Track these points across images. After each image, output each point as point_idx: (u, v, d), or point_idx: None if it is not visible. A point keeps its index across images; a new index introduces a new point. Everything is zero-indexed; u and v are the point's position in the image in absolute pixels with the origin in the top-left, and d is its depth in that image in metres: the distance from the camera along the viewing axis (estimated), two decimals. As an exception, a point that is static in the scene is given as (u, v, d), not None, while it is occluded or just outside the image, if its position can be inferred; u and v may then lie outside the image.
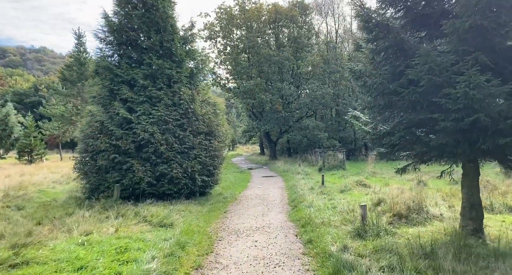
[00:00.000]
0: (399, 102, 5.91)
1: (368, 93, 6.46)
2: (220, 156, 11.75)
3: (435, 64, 5.00)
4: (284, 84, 26.07)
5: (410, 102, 5.72)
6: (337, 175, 17.76)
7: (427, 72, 5.12)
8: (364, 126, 7.12)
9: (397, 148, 6.69)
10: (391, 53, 6.13)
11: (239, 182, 16.78)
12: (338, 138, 28.49)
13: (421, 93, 5.38)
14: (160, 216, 7.87)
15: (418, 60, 5.22)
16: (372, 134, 6.82)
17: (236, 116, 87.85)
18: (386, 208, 8.38)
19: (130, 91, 10.36)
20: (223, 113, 12.25)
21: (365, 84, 6.31)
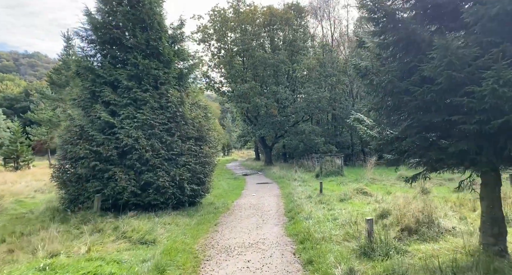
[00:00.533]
0: (411, 103, 5.18)
1: (374, 93, 5.74)
2: (212, 162, 10.95)
3: (456, 57, 4.29)
4: (280, 88, 25.41)
5: (424, 102, 5.00)
6: (335, 181, 17.02)
7: (445, 67, 4.40)
8: (370, 130, 6.38)
9: (407, 154, 5.96)
10: (401, 47, 5.42)
11: (233, 190, 15.95)
12: (335, 142, 27.82)
13: (438, 91, 4.67)
14: (141, 231, 7.03)
15: (434, 53, 4.51)
16: (378, 139, 6.09)
17: (231, 121, 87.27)
18: (393, 221, 7.63)
19: (113, 93, 9.57)
20: (215, 117, 11.45)
21: (371, 82, 5.59)
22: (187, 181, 9.99)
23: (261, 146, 34.21)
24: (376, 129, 6.34)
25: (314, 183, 16.34)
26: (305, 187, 15.00)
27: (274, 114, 26.54)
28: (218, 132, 11.91)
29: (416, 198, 10.45)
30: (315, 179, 18.03)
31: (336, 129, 29.92)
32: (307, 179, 17.70)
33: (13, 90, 69.77)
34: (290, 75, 29.00)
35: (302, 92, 26.01)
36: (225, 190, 15.58)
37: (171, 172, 9.60)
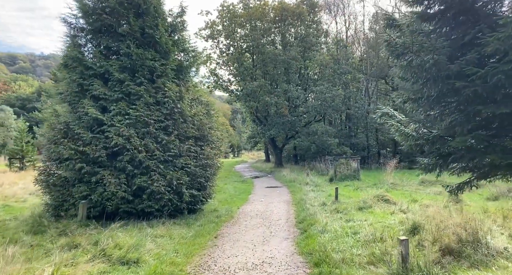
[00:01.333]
0: (465, 90, 3.90)
1: (413, 79, 4.49)
2: (214, 165, 9.80)
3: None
4: (291, 86, 24.16)
5: (485, 88, 3.72)
6: (351, 186, 15.66)
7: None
8: (404, 127, 5.11)
9: (452, 157, 4.67)
10: (450, 18, 4.16)
11: (239, 194, 14.78)
12: (349, 144, 26.38)
13: (510, 72, 3.40)
14: (126, 246, 5.92)
15: (504, 20, 3.25)
16: (415, 138, 4.84)
17: (242, 122, 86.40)
18: (426, 237, 6.32)
19: (103, 87, 8.52)
20: (220, 116, 10.29)
21: (410, 64, 4.36)
22: (186, 186, 8.86)
23: (271, 147, 33.01)
24: (413, 126, 5.08)
25: (328, 188, 15.03)
26: (318, 193, 13.71)
27: (285, 114, 25.30)
28: (222, 131, 10.74)
29: (448, 207, 9.07)
30: (329, 183, 16.71)
31: (351, 130, 28.46)
32: (320, 183, 16.39)
33: (26, 91, 70.46)
34: (302, 73, 27.73)
35: (315, 91, 24.69)
36: (231, 195, 14.42)
37: (168, 175, 8.49)
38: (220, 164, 10.79)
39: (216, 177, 10.75)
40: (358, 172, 17.31)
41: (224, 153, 11.55)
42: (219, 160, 10.60)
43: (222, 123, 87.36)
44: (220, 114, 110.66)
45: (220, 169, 10.79)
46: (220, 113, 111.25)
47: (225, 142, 11.01)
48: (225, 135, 54.79)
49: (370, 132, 26.87)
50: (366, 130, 26.80)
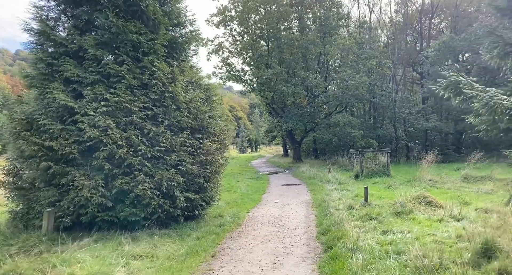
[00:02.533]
0: None
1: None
2: (216, 162, 8.08)
3: None
4: (309, 74, 22.07)
5: None
6: (381, 184, 13.60)
7: None
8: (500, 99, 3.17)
9: None
10: None
11: (252, 193, 13.05)
12: (374, 136, 24.10)
13: None
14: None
15: None
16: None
17: (259, 116, 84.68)
18: (508, 264, 4.37)
19: (77, 67, 6.93)
20: (221, 101, 8.55)
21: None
22: (180, 188, 7.20)
23: (289, 141, 31.10)
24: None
25: (354, 186, 13.04)
26: (343, 192, 11.77)
27: (303, 105, 23.29)
28: (227, 122, 8.88)
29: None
30: (355, 181, 14.69)
31: (376, 121, 26.11)
32: (344, 181, 14.39)
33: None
34: (322, 61, 25.52)
35: (336, 78, 22.47)
36: (242, 195, 12.70)
37: (156, 175, 6.84)
38: (225, 160, 9.06)
39: (220, 176, 9.03)
40: (388, 167, 15.19)
41: (226, 147, 9.67)
42: (224, 155, 8.87)
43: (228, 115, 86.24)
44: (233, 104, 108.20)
45: (224, 166, 9.07)
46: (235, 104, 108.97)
47: (231, 133, 9.31)
48: (231, 127, 53.82)
49: (398, 123, 24.45)
50: (393, 121, 24.39)
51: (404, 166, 21.24)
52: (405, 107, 25.82)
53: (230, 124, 8.15)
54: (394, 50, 26.39)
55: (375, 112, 25.43)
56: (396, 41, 28.37)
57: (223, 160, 8.79)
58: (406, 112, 24.86)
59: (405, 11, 30.64)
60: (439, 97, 23.67)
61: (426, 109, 24.79)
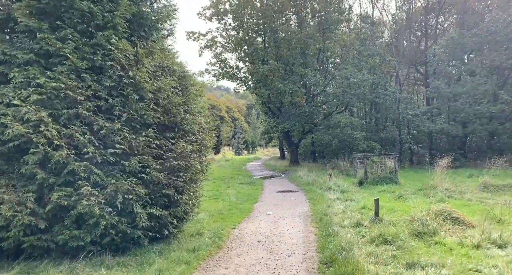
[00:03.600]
0: None
1: None
2: (192, 167, 6.41)
3: None
4: (308, 71, 20.49)
5: None
6: (389, 192, 12.00)
7: None
8: None
9: None
10: None
11: (242, 202, 11.40)
12: (377, 138, 22.53)
13: None
14: None
15: None
16: None
17: (256, 117, 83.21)
18: None
19: (3, 42, 5.27)
20: (202, 93, 6.88)
21: None
22: (142, 202, 5.55)
23: (286, 143, 29.51)
24: None
25: (358, 195, 11.43)
26: (347, 203, 10.14)
27: (301, 104, 21.69)
28: (210, 119, 7.14)
29: None
30: (358, 188, 13.07)
31: (378, 123, 24.56)
32: (347, 188, 12.75)
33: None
34: (321, 58, 23.94)
35: (337, 75, 20.89)
36: (231, 204, 11.05)
37: (109, 186, 5.18)
38: (206, 165, 7.41)
39: (199, 185, 7.37)
40: (396, 174, 13.57)
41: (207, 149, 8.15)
42: (204, 159, 7.22)
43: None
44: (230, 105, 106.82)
45: (205, 172, 7.42)
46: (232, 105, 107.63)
47: (213, 133, 7.57)
48: (215, 124, 52.43)
49: (403, 125, 22.92)
50: (397, 123, 22.82)
51: (410, 171, 19.67)
52: (409, 109, 24.30)
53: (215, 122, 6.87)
54: (397, 48, 24.93)
55: (378, 113, 23.89)
56: (400, 38, 26.91)
57: (202, 165, 7.13)
58: (410, 113, 23.33)
59: (409, 7, 29.21)
60: (447, 98, 22.29)
61: (432, 110, 23.28)
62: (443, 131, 21.17)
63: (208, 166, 7.62)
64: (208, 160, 7.88)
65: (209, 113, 7.75)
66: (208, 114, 7.66)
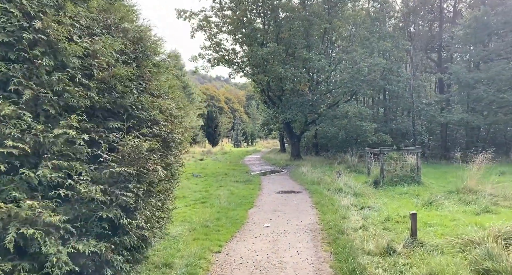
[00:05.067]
0: None
1: None
2: (151, 174, 4.26)
3: None
4: (312, 54, 18.20)
5: None
6: (412, 195, 9.94)
7: None
8: None
9: None
10: None
11: (234, 208, 9.33)
12: (387, 130, 20.38)
13: None
14: None
15: None
16: None
17: (256, 108, 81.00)
18: None
19: None
20: (170, 66, 4.58)
21: None
22: (59, 234, 3.43)
23: (287, 135, 27.38)
24: None
25: (377, 200, 9.34)
26: (366, 212, 8.04)
27: (304, 92, 19.47)
28: (182, 99, 5.08)
29: None
30: (374, 189, 10.98)
31: (388, 112, 22.38)
32: (361, 190, 10.66)
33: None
34: (326, 41, 21.58)
35: (345, 59, 18.60)
36: (220, 210, 8.96)
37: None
38: (177, 168, 5.28)
39: (170, 197, 5.25)
40: (419, 172, 11.46)
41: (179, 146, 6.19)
42: (173, 160, 5.08)
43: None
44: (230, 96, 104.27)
45: (176, 180, 5.30)
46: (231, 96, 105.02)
47: (188, 121, 5.60)
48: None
49: (417, 115, 20.75)
50: (412, 112, 20.64)
51: (427, 167, 17.55)
52: (422, 97, 22.09)
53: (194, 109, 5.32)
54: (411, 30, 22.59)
55: (390, 102, 21.66)
56: (409, 21, 24.49)
57: (172, 168, 5.00)
58: (424, 102, 21.13)
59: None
60: (467, 85, 20.06)
61: (449, 99, 21.03)
62: (461, 122, 19.01)
63: (180, 167, 5.49)
64: (185, 158, 5.77)
65: (182, 95, 5.58)
66: (182, 97, 5.49)
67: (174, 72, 5.27)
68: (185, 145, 5.48)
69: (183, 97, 5.57)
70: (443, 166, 17.55)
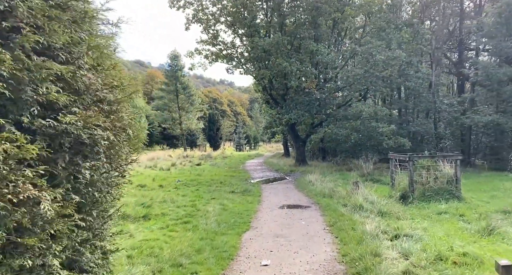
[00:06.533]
0: None
1: None
2: (22, 211, 2.08)
3: None
4: (321, 46, 16.05)
5: None
6: (455, 215, 7.67)
7: None
8: None
9: None
10: None
11: (225, 231, 7.11)
12: (405, 133, 18.11)
13: None
14: None
15: None
16: None
17: (259, 111, 78.96)
18: None
19: None
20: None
21: None
22: None
23: (291, 138, 25.17)
24: None
25: (412, 223, 7.07)
26: (403, 243, 5.75)
27: (311, 90, 17.30)
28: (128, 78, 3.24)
29: None
30: (402, 206, 8.71)
31: (406, 113, 20.12)
32: (387, 207, 8.38)
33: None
34: (335, 32, 19.40)
35: (359, 51, 16.40)
36: (206, 235, 6.72)
37: None
38: (109, 190, 3.09)
39: (101, 236, 3.06)
40: (458, 184, 9.17)
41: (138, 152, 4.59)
42: (101, 177, 2.88)
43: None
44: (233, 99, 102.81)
45: (107, 208, 3.11)
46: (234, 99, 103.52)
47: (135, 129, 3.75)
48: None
49: (441, 116, 18.46)
50: (435, 113, 18.35)
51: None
52: (442, 97, 19.82)
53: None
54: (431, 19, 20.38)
55: (408, 101, 19.38)
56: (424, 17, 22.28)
57: (92, 193, 2.82)
58: (445, 102, 18.85)
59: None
60: (497, 82, 17.79)
61: (477, 98, 18.68)
62: (490, 125, 16.69)
63: (120, 186, 3.33)
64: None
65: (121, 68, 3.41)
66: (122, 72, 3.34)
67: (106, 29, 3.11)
68: (126, 150, 3.31)
69: (123, 72, 3.39)
70: (473, 174, 15.24)
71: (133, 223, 7.53)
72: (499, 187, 11.43)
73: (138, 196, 10.70)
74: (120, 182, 3.48)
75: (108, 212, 3.24)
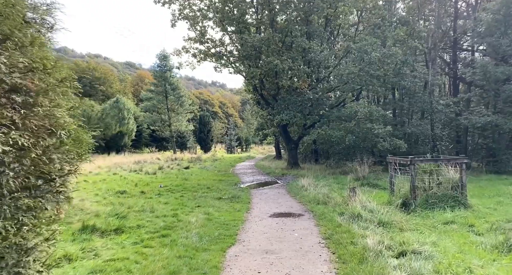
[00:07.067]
0: None
1: None
2: None
3: None
4: (314, 44, 15.29)
5: None
6: (464, 225, 6.92)
7: None
8: None
9: None
10: None
11: (207, 246, 6.20)
12: (401, 135, 17.45)
13: None
14: None
15: None
16: None
17: (251, 113, 78.16)
18: None
19: None
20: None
21: None
22: None
23: (283, 140, 24.39)
24: None
25: (418, 235, 6.28)
26: (411, 261, 4.97)
27: (303, 90, 16.53)
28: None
29: None
30: (404, 215, 7.93)
31: (401, 114, 19.48)
32: (387, 216, 7.59)
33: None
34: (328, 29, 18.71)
35: (354, 49, 15.70)
36: (185, 251, 5.80)
37: None
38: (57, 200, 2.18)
39: None
40: (464, 191, 8.45)
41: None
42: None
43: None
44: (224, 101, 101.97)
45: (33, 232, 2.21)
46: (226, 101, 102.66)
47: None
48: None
49: (437, 117, 17.86)
50: (431, 114, 17.73)
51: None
52: (438, 97, 19.26)
53: None
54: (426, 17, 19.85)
55: (403, 102, 18.73)
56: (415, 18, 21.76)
57: None
58: (441, 103, 18.28)
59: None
60: (495, 81, 17.29)
61: (473, 98, 18.14)
62: (488, 126, 16.13)
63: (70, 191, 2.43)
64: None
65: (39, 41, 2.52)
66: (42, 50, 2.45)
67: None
68: (56, 157, 2.43)
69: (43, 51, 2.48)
70: (472, 178, 14.61)
71: (102, 238, 6.58)
72: (503, 192, 10.79)
73: (115, 204, 9.73)
74: (51, 200, 2.59)
75: (26, 244, 2.33)
